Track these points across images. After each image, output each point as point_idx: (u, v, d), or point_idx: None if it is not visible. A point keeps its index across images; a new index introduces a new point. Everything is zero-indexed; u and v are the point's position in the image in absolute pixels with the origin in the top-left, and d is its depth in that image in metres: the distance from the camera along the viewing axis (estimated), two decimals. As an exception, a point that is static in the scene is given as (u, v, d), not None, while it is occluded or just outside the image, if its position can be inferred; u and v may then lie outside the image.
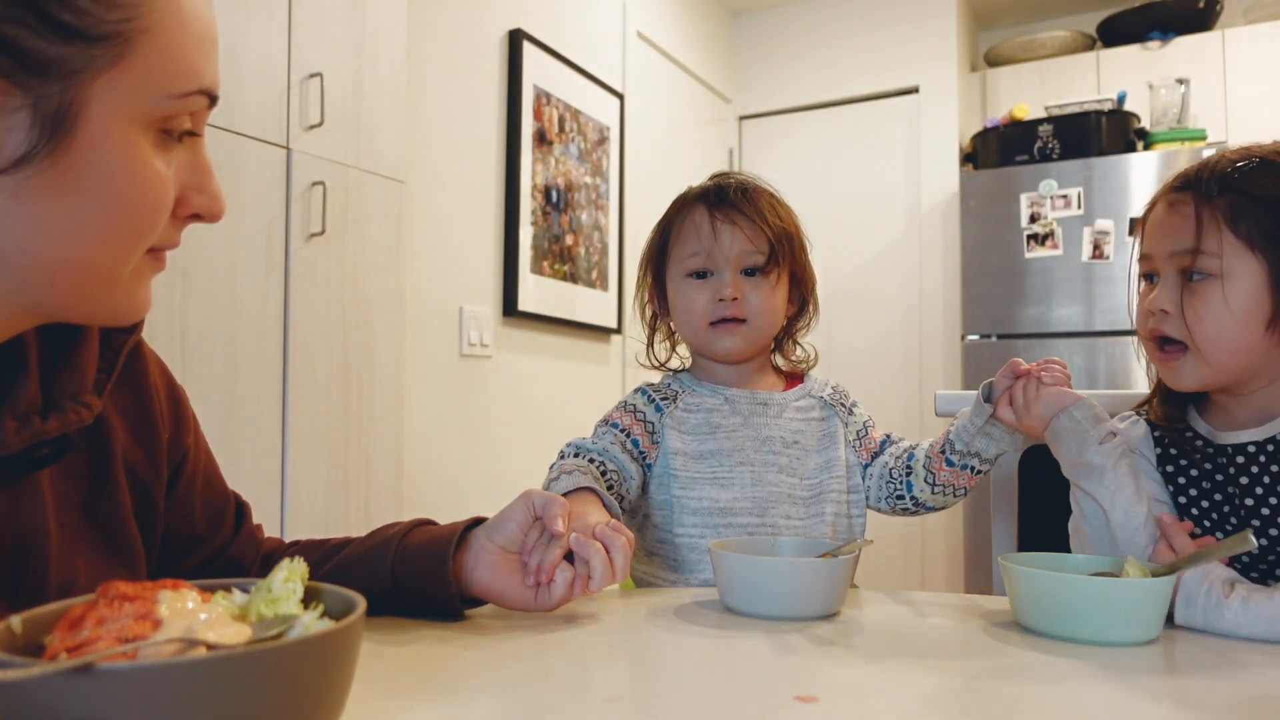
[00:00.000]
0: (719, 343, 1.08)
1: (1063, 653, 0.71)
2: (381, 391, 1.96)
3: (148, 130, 0.52)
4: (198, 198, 0.57)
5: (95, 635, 0.41)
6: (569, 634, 0.75)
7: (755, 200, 1.09)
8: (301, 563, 0.49)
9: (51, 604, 0.45)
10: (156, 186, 0.53)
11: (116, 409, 0.66)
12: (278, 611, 0.47)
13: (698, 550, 1.04)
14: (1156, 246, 0.91)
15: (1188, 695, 0.62)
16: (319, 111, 1.81)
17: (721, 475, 1.05)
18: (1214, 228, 0.85)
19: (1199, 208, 0.87)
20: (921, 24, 3.79)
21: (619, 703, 0.57)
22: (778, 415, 1.09)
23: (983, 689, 0.63)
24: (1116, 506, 0.88)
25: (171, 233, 0.57)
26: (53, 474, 0.60)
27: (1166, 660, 0.70)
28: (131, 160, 0.51)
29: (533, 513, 0.78)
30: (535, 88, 2.77)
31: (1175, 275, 0.89)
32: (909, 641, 0.75)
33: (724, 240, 1.06)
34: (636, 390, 1.13)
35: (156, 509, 0.68)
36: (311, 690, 0.43)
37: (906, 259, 3.82)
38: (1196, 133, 3.25)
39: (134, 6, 0.50)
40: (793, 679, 0.63)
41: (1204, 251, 0.85)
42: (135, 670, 0.38)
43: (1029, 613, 0.78)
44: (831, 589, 0.82)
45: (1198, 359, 0.87)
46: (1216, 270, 0.85)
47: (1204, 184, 0.87)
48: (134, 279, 0.56)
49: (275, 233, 1.73)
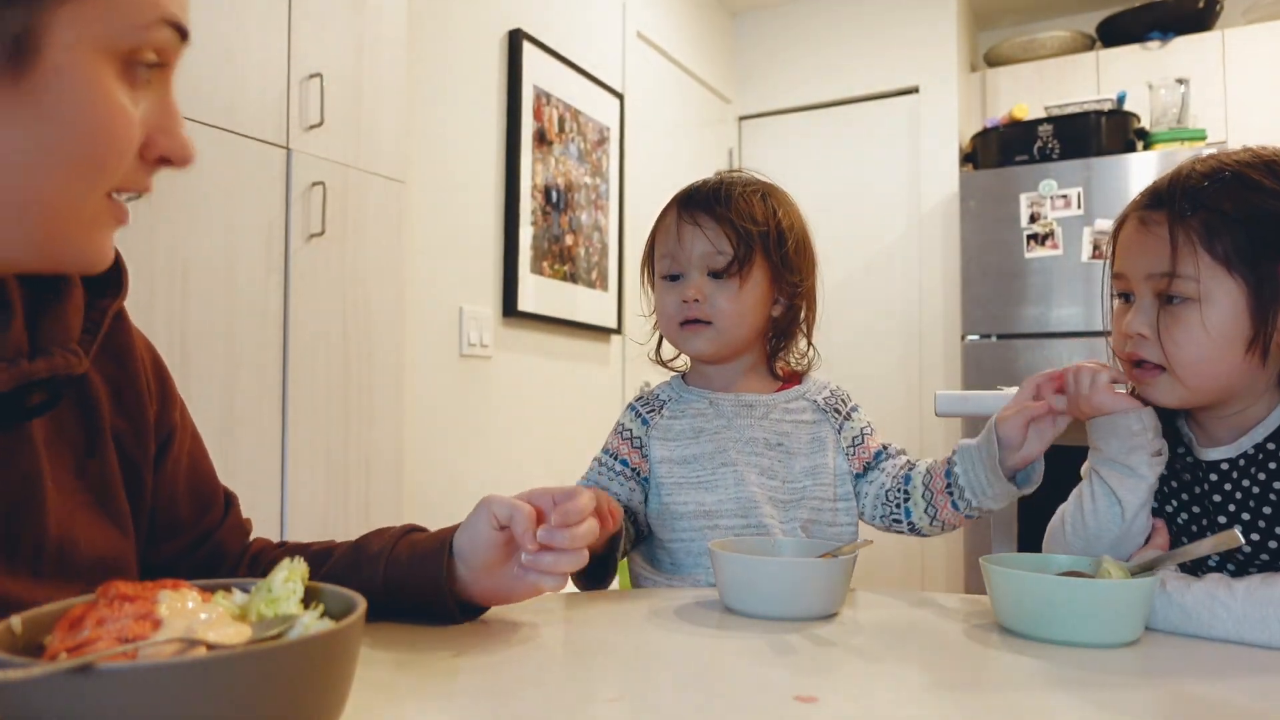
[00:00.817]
0: (687, 344, 1.09)
1: (1045, 655, 0.70)
2: (381, 392, 1.96)
3: (112, 61, 0.51)
4: (164, 139, 0.55)
5: (95, 635, 0.41)
6: (569, 634, 0.75)
7: (728, 200, 1.06)
8: (302, 562, 0.49)
9: (51, 604, 0.45)
10: (120, 119, 0.52)
11: (103, 379, 0.66)
12: (278, 611, 0.47)
13: (691, 554, 1.04)
14: (1130, 267, 0.89)
15: (1168, 697, 0.62)
16: (319, 112, 1.81)
17: (705, 478, 1.05)
18: (1189, 249, 0.82)
19: (1173, 227, 0.83)
20: (921, 24, 3.79)
21: (619, 703, 0.57)
22: (763, 416, 1.08)
23: (982, 689, 0.63)
24: (1139, 515, 0.88)
25: (139, 176, 0.56)
26: (46, 432, 0.60)
27: (1147, 661, 0.70)
28: (94, 90, 0.50)
29: (495, 523, 0.72)
30: (535, 88, 2.77)
31: (1151, 297, 0.86)
32: (909, 642, 0.75)
33: (686, 241, 1.06)
34: (627, 407, 1.14)
35: (144, 485, 0.68)
36: (312, 690, 0.43)
37: (906, 259, 3.82)
38: (1196, 133, 3.25)
39: None
40: (793, 679, 0.62)
41: (1180, 275, 0.83)
42: (135, 670, 0.38)
43: (1009, 614, 0.78)
44: (831, 589, 0.82)
45: (1174, 380, 0.86)
46: (1194, 293, 0.82)
47: (1176, 202, 0.84)
48: (95, 223, 0.55)
49: (275, 233, 1.73)
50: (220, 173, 1.62)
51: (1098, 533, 0.91)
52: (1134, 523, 0.89)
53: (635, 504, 1.07)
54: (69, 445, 0.62)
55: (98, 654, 0.39)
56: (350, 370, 1.89)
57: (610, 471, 1.08)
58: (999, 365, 3.32)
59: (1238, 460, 0.87)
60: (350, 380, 1.89)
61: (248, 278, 1.67)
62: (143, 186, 0.56)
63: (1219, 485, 0.88)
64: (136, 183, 0.56)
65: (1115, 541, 0.90)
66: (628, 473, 1.08)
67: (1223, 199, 0.82)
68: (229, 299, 1.64)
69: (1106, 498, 0.90)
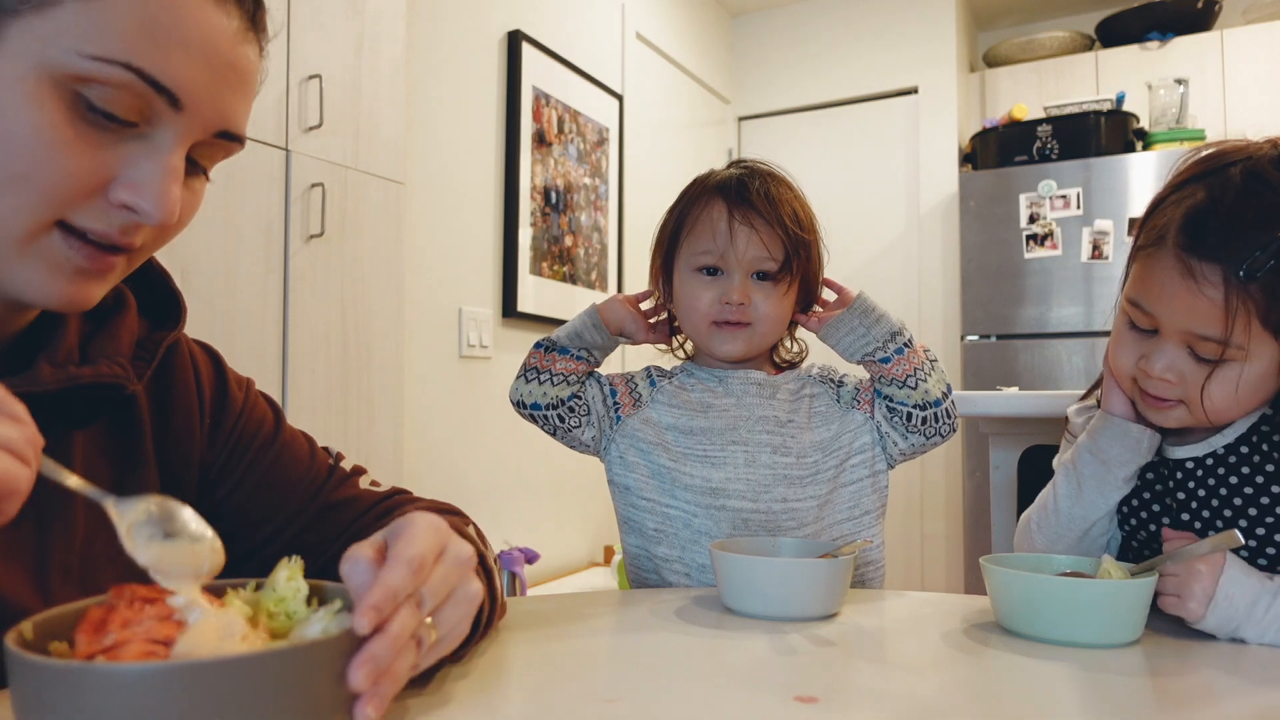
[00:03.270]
0: (721, 345, 1.06)
1: (1045, 655, 0.70)
2: (381, 392, 1.96)
3: (57, 86, 0.51)
4: (130, 189, 0.54)
5: (125, 637, 0.42)
6: (569, 634, 0.75)
7: (778, 204, 1.05)
8: (299, 560, 0.50)
9: (56, 609, 0.46)
10: (45, 137, 0.51)
11: (150, 402, 0.67)
12: (287, 610, 0.48)
13: (692, 528, 1.03)
14: (1168, 317, 0.82)
15: (1168, 697, 0.62)
16: (318, 113, 1.81)
17: (713, 454, 1.04)
18: (1244, 320, 0.77)
19: (1228, 295, 0.77)
20: (921, 24, 3.80)
21: (619, 703, 0.57)
22: (771, 396, 1.08)
23: (982, 689, 0.63)
24: (1102, 520, 0.92)
25: (98, 216, 0.54)
26: (85, 447, 0.62)
27: (1147, 661, 0.70)
28: (22, 102, 0.50)
29: None
30: (534, 89, 2.77)
31: (1184, 348, 0.82)
32: (909, 642, 0.75)
33: (739, 243, 1.04)
34: (644, 368, 1.14)
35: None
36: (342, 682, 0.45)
37: (906, 259, 3.82)
38: (1195, 133, 3.25)
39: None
40: (793, 679, 0.63)
41: (1233, 345, 0.79)
42: (214, 665, 0.40)
43: (1009, 614, 0.78)
44: (831, 589, 0.82)
45: (1189, 414, 0.85)
46: (1239, 358, 0.80)
47: (1234, 264, 0.77)
48: (45, 257, 0.54)
49: (274, 234, 1.73)
50: (219, 174, 1.61)
51: (1063, 530, 0.92)
52: (1095, 526, 0.91)
53: (593, 410, 1.09)
54: (107, 464, 0.63)
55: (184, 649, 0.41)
56: (350, 371, 1.89)
57: (596, 383, 1.11)
58: (998, 365, 3.32)
59: (1205, 459, 0.87)
60: (350, 381, 1.89)
61: (247, 278, 1.67)
62: (99, 229, 0.54)
63: (1183, 483, 0.88)
64: (94, 221, 0.54)
65: (1076, 541, 0.92)
66: (609, 402, 1.09)
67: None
68: (229, 299, 1.64)
69: (1082, 493, 0.91)
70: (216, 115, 0.57)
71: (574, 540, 2.98)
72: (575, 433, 1.09)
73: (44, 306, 0.57)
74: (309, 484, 0.76)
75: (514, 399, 1.10)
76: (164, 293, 0.70)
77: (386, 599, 0.46)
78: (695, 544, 1.03)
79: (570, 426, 1.09)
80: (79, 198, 0.53)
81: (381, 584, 0.47)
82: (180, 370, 0.70)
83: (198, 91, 0.55)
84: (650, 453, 1.07)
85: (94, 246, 0.55)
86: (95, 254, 0.55)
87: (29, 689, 0.40)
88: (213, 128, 0.57)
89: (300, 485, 0.75)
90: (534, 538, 2.73)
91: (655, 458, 1.06)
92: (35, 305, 0.58)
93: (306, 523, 0.74)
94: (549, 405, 1.08)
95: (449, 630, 0.53)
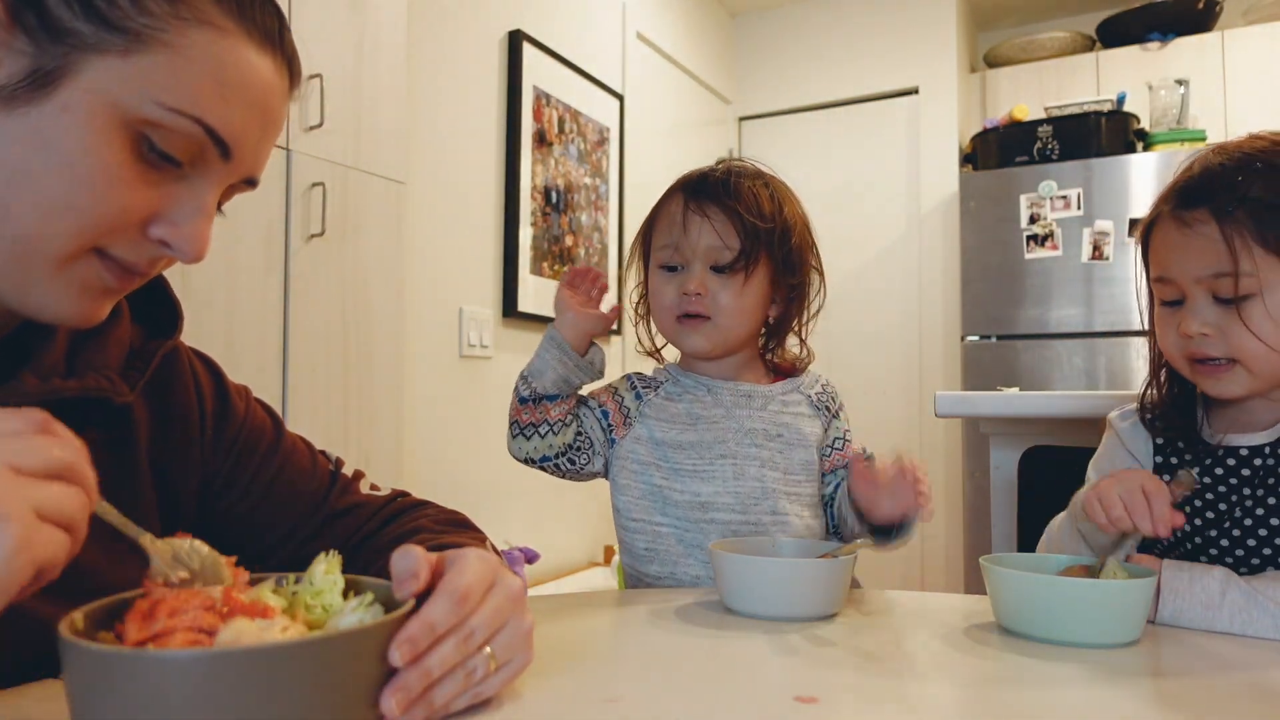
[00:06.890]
0: (685, 340, 1.06)
1: (1045, 655, 0.70)
2: (381, 392, 1.96)
3: (125, 127, 0.53)
4: (170, 226, 0.57)
5: (172, 625, 0.44)
6: (569, 634, 0.75)
7: (737, 192, 1.03)
8: (336, 555, 0.52)
9: (103, 600, 0.47)
10: (103, 175, 0.53)
11: (146, 411, 0.67)
12: (323, 603, 0.50)
13: (684, 543, 1.02)
14: (1179, 271, 0.87)
15: (1168, 697, 0.62)
16: (319, 112, 1.81)
17: (702, 468, 1.03)
18: (1244, 246, 0.82)
19: (1222, 227, 0.83)
20: (921, 25, 3.80)
21: (619, 703, 0.57)
22: (762, 407, 1.06)
23: (982, 690, 0.63)
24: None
25: (133, 248, 0.57)
26: None
27: (1147, 661, 0.70)
28: (89, 138, 0.52)
29: None
30: (535, 89, 2.77)
31: (1207, 297, 0.86)
32: (909, 642, 0.75)
33: (692, 233, 1.03)
34: (624, 377, 1.12)
35: (181, 516, 0.69)
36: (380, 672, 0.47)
37: (906, 260, 3.82)
38: (1196, 133, 3.25)
39: (164, 19, 0.53)
40: (793, 679, 0.63)
41: (1243, 273, 0.82)
42: (259, 652, 0.42)
43: (1009, 614, 0.78)
44: (831, 589, 0.82)
45: (1247, 373, 0.85)
46: (1255, 288, 0.83)
47: (1217, 198, 0.83)
48: (73, 276, 0.56)
49: (275, 234, 1.73)
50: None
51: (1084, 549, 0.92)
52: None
53: (595, 440, 1.07)
54: (98, 474, 0.63)
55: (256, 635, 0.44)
56: (350, 371, 1.89)
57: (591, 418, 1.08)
58: (999, 366, 3.32)
59: (1262, 448, 0.87)
60: (350, 380, 1.89)
61: (248, 278, 1.67)
62: (133, 259, 0.57)
63: (1236, 470, 0.87)
64: (128, 253, 0.57)
65: None
66: (603, 425, 1.07)
67: (1265, 190, 0.82)
68: (229, 299, 1.64)
69: (1081, 548, 0.91)
70: (254, 164, 0.60)
71: (574, 540, 2.98)
72: (586, 469, 1.08)
73: (58, 322, 0.59)
74: (312, 492, 0.76)
75: (519, 457, 1.08)
76: (162, 300, 0.71)
77: (423, 632, 0.48)
78: (687, 558, 1.02)
79: (581, 465, 1.07)
80: (123, 231, 0.56)
81: (420, 618, 0.49)
82: (180, 380, 0.70)
83: (247, 143, 0.58)
84: (642, 473, 1.05)
85: (122, 269, 0.58)
86: (123, 276, 0.58)
87: (84, 675, 0.42)
88: (246, 174, 0.61)
89: (304, 493, 0.76)
90: (534, 538, 2.73)
91: (648, 477, 1.05)
92: (49, 321, 0.59)
93: (312, 530, 0.75)
94: (557, 454, 1.06)
95: (510, 658, 0.55)
